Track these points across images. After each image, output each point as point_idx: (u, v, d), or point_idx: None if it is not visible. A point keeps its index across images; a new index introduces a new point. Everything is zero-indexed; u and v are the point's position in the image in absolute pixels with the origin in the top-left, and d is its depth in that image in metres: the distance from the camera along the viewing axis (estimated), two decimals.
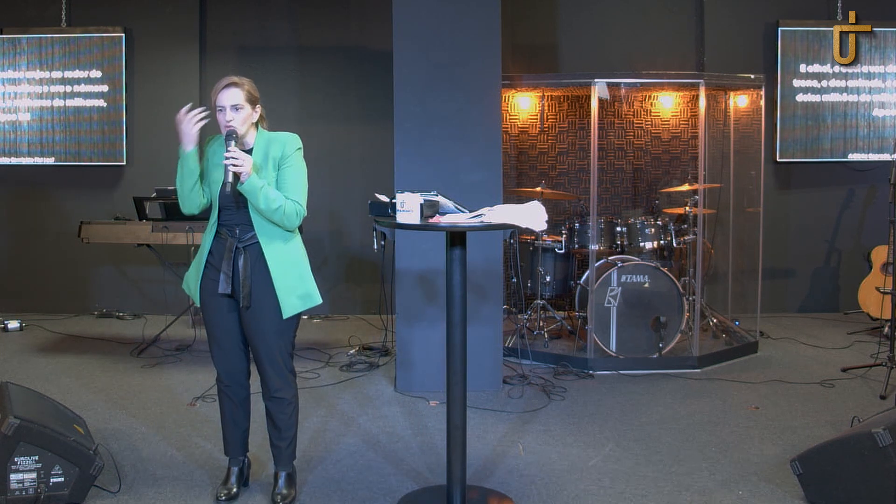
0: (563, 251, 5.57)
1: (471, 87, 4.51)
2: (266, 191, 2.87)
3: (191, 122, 2.90)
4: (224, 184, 2.82)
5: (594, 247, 5.23)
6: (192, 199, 3.01)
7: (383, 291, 5.68)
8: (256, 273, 2.97)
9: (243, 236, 2.97)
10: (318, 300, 3.07)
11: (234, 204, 2.95)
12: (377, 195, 3.11)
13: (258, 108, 3.00)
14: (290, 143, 2.99)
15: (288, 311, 2.98)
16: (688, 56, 6.86)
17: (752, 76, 5.69)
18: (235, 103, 2.90)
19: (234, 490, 3.15)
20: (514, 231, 2.93)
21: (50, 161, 6.87)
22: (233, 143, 2.85)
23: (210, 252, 3.02)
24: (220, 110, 2.92)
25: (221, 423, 3.19)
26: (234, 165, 2.80)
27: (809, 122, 6.84)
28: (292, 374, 3.10)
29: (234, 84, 2.92)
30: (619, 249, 5.44)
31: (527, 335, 5.40)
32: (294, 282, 3.00)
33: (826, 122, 6.85)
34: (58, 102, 6.82)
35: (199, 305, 3.07)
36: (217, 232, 3.01)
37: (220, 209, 3.00)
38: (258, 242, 2.96)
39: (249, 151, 2.98)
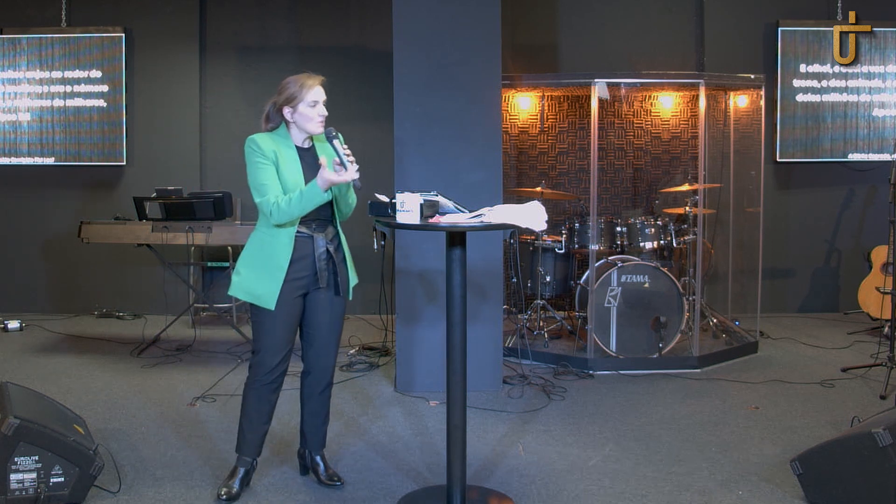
0: (563, 251, 5.57)
1: (471, 87, 4.51)
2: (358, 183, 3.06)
3: (338, 177, 2.95)
4: (354, 181, 2.98)
5: (594, 247, 5.23)
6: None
7: (383, 291, 5.68)
8: (338, 262, 3.18)
9: (323, 230, 3.14)
10: (357, 278, 3.34)
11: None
12: (377, 195, 3.11)
13: None
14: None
15: (350, 294, 3.24)
16: (688, 56, 6.86)
17: (752, 76, 5.69)
18: (324, 99, 3.07)
19: (236, 490, 3.14)
20: (514, 231, 2.92)
21: (50, 161, 6.87)
22: (337, 140, 2.99)
23: (294, 251, 3.06)
24: (313, 104, 3.03)
25: (244, 423, 3.17)
26: (352, 161, 2.97)
27: (809, 122, 6.84)
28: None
29: (323, 84, 3.08)
30: (619, 249, 5.45)
31: (527, 335, 5.40)
32: (352, 267, 3.29)
33: (826, 122, 6.85)
34: (58, 102, 6.82)
35: (271, 308, 3.04)
36: (296, 231, 3.07)
37: None
38: (338, 235, 3.21)
39: (311, 150, 3.15)
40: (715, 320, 5.78)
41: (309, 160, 3.11)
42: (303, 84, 3.01)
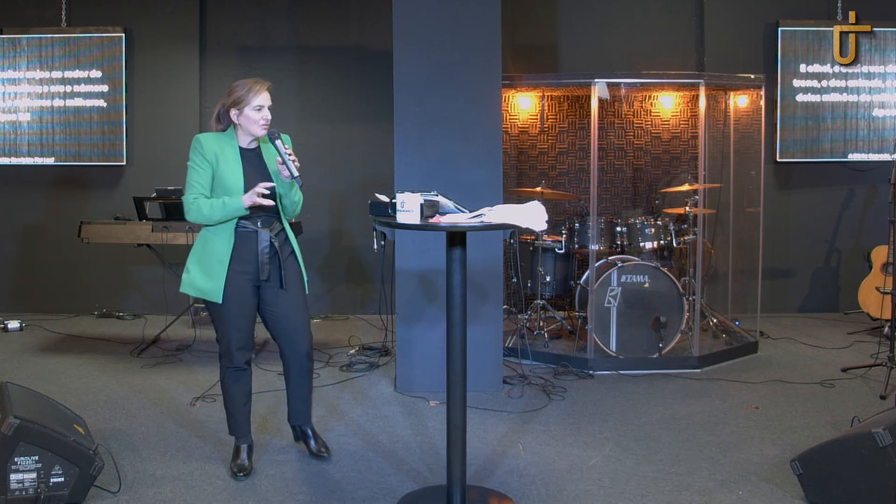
0: (563, 251, 5.57)
1: (471, 87, 4.51)
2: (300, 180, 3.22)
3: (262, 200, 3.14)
4: (296, 179, 3.15)
5: (594, 247, 5.23)
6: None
7: (383, 291, 5.68)
8: (285, 257, 3.33)
9: (268, 225, 3.28)
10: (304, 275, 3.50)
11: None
12: (377, 195, 3.11)
13: None
14: (288, 142, 3.29)
15: (306, 286, 3.43)
16: (688, 56, 6.86)
17: (752, 76, 5.69)
18: (270, 104, 3.25)
19: (248, 465, 3.36)
20: (514, 231, 2.93)
21: (50, 161, 6.87)
22: (279, 141, 3.16)
23: (234, 245, 3.23)
24: (258, 109, 3.21)
25: (231, 408, 3.40)
26: (294, 160, 3.15)
27: (809, 122, 6.84)
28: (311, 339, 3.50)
29: (269, 89, 3.25)
30: (619, 249, 5.45)
31: (527, 335, 5.40)
32: (302, 261, 3.44)
33: (826, 122, 6.85)
34: (58, 102, 6.82)
35: (219, 301, 3.22)
36: (238, 226, 3.23)
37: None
38: (284, 230, 3.35)
39: (257, 150, 3.32)
40: (715, 320, 5.78)
41: (253, 160, 3.30)
42: (250, 88, 3.20)
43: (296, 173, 3.15)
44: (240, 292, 3.26)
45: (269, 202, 3.15)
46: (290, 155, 3.15)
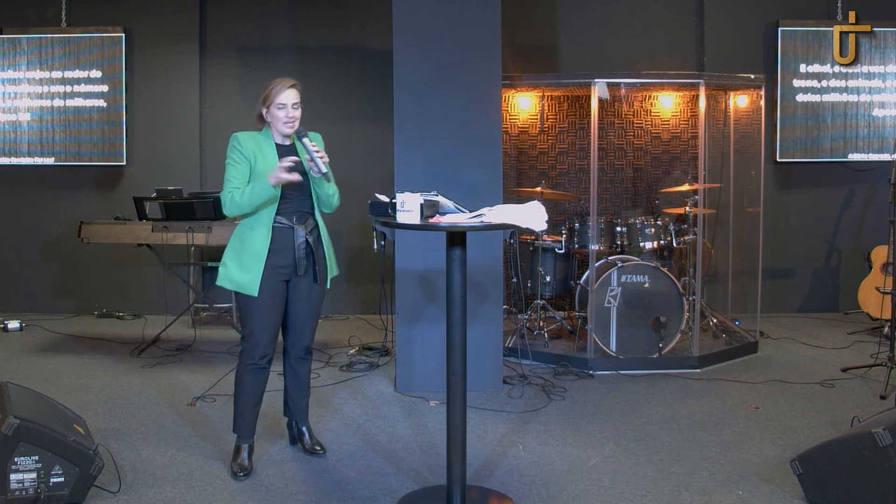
0: (563, 251, 5.57)
1: (471, 87, 4.51)
2: (331, 176, 3.29)
3: (288, 175, 3.17)
4: (324, 175, 3.22)
5: (594, 247, 5.23)
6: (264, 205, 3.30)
7: (383, 291, 5.68)
8: (320, 254, 3.42)
9: (304, 222, 3.36)
10: (337, 271, 3.57)
11: (295, 194, 3.31)
12: (377, 195, 3.11)
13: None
14: (320, 141, 3.38)
15: (328, 283, 3.49)
16: (688, 56, 6.86)
17: (752, 76, 5.69)
18: (296, 102, 3.29)
19: (249, 465, 3.38)
20: (514, 231, 2.93)
21: (50, 161, 6.87)
22: (307, 139, 3.24)
23: (272, 240, 3.29)
24: (281, 107, 3.26)
25: (241, 406, 3.41)
26: (322, 157, 3.21)
27: (809, 122, 6.84)
28: None
29: (295, 86, 3.30)
30: (619, 249, 5.44)
31: (527, 335, 5.40)
32: (332, 257, 3.52)
33: (826, 122, 6.85)
34: (58, 102, 6.82)
35: (254, 294, 3.27)
36: (275, 222, 3.29)
37: (281, 199, 3.29)
38: (317, 226, 3.41)
39: (291, 147, 3.37)
40: (715, 320, 5.78)
41: (289, 155, 3.32)
42: (273, 87, 3.28)
43: (324, 169, 3.22)
44: (274, 287, 3.32)
45: (296, 177, 3.16)
46: (317, 152, 3.22)
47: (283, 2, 6.90)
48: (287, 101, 3.26)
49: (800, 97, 6.81)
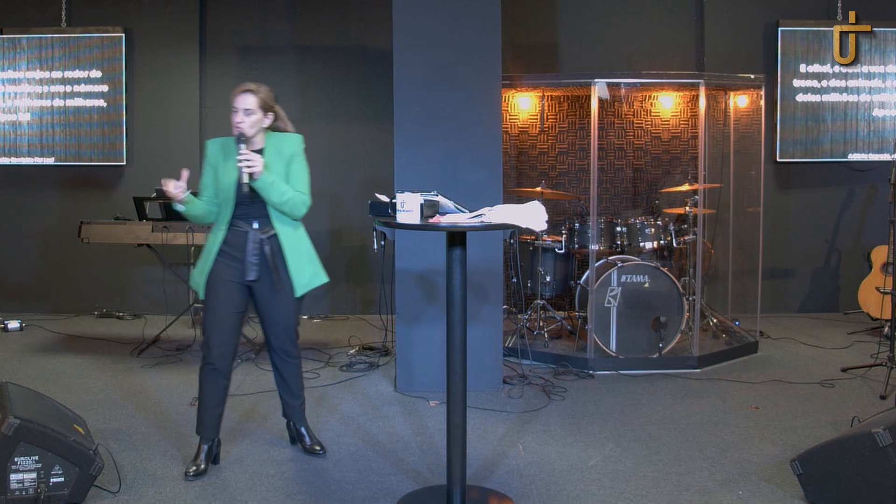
0: (563, 251, 5.57)
1: (471, 87, 4.51)
2: (277, 185, 3.24)
3: (174, 191, 3.20)
4: (240, 184, 3.19)
5: (594, 247, 5.23)
6: (208, 217, 3.40)
7: (383, 291, 5.68)
8: (278, 260, 3.35)
9: (264, 228, 3.32)
10: (325, 278, 3.48)
11: (250, 200, 3.26)
12: (377, 195, 3.11)
13: (270, 115, 3.35)
14: (298, 143, 3.41)
15: (300, 290, 3.39)
16: (688, 56, 6.87)
17: (752, 76, 5.69)
18: (248, 108, 3.25)
19: (203, 467, 3.36)
20: (514, 231, 2.93)
21: (50, 161, 6.87)
22: (243, 146, 3.19)
23: (225, 242, 3.32)
24: (234, 112, 3.25)
25: (200, 405, 3.41)
26: (247, 166, 3.16)
27: (809, 122, 6.84)
28: (297, 338, 3.57)
29: (250, 91, 3.26)
30: (619, 249, 5.44)
31: (527, 335, 5.40)
32: (305, 265, 3.40)
33: (826, 122, 6.85)
34: (58, 102, 6.82)
35: (202, 295, 3.35)
36: (231, 225, 3.32)
37: (235, 205, 3.30)
38: (276, 233, 3.33)
39: (259, 151, 3.32)
40: (715, 320, 5.78)
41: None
42: (234, 91, 3.29)
43: (244, 178, 3.17)
44: (224, 290, 3.33)
45: (174, 193, 3.18)
46: (244, 159, 3.16)
47: (283, 2, 6.90)
48: (238, 106, 3.25)
49: (800, 97, 6.81)
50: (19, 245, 6.98)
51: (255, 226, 3.31)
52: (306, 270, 3.40)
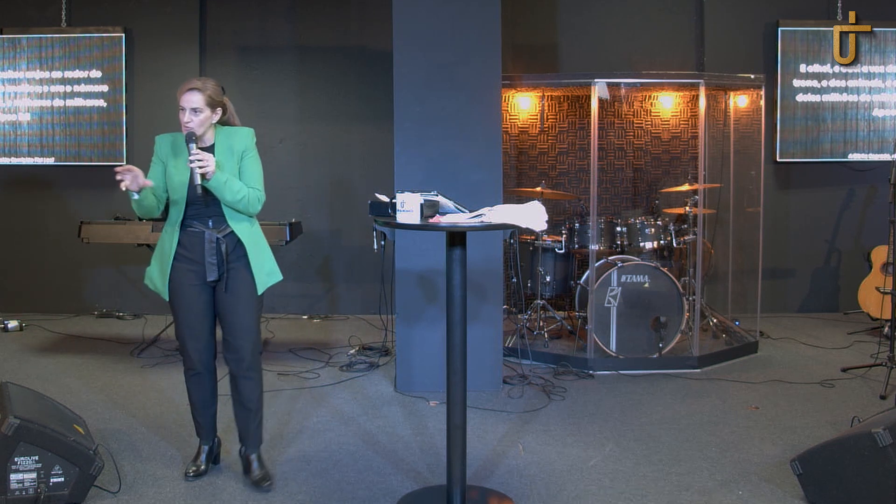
0: (563, 251, 5.57)
1: (471, 87, 4.51)
2: (230, 183, 3.12)
3: (140, 181, 3.06)
4: (194, 185, 3.05)
5: (594, 247, 5.23)
6: (154, 211, 3.26)
7: (383, 291, 5.68)
8: (234, 258, 3.23)
9: (219, 226, 3.21)
10: (280, 276, 3.35)
11: (203, 199, 3.14)
12: (377, 195, 3.11)
13: (219, 111, 3.24)
14: (250, 137, 3.29)
15: (261, 287, 3.27)
16: (688, 56, 6.86)
17: (752, 76, 5.69)
18: (195, 107, 3.14)
19: (203, 468, 3.36)
20: (514, 231, 2.93)
21: (50, 161, 6.87)
22: (193, 145, 3.09)
23: (181, 245, 3.22)
24: (182, 111, 3.14)
25: (192, 410, 3.38)
26: (200, 167, 3.03)
27: (809, 122, 6.84)
28: (260, 354, 3.34)
29: (196, 89, 3.14)
30: (619, 249, 5.44)
31: (527, 335, 5.40)
32: (264, 262, 3.29)
33: (826, 122, 6.85)
34: (58, 102, 6.82)
35: (167, 299, 3.30)
36: (185, 226, 3.22)
37: (187, 205, 3.19)
38: (233, 231, 3.21)
39: (210, 148, 3.22)
40: (715, 320, 5.78)
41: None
42: (179, 89, 3.17)
43: (197, 180, 3.03)
44: (188, 291, 3.24)
45: (127, 185, 3.00)
46: (195, 159, 3.03)
47: (283, 2, 6.89)
48: (185, 105, 3.12)
49: (800, 97, 6.81)
50: (19, 245, 6.98)
51: (210, 224, 3.20)
52: (265, 267, 3.28)
